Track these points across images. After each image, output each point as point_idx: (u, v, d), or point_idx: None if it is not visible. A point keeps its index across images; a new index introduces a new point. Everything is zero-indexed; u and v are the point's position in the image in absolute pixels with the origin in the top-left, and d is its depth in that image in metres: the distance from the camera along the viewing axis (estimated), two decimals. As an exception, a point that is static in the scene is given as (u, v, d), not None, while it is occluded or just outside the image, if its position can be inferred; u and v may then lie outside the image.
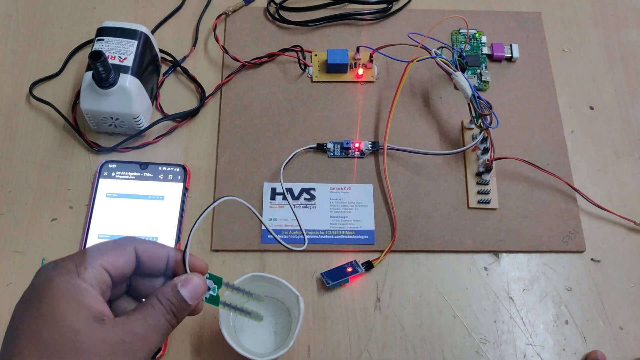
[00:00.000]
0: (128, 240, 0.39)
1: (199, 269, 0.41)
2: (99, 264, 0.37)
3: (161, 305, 0.37)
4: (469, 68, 0.67)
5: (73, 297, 0.35)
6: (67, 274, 0.36)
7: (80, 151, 0.62)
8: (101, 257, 0.37)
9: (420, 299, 0.56)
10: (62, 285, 0.35)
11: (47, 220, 0.58)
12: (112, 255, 0.38)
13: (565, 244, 0.59)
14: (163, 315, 0.37)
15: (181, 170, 0.60)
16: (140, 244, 0.40)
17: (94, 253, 0.37)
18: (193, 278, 0.39)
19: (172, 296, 0.38)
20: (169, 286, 0.38)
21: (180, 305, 0.38)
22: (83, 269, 0.36)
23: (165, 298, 0.38)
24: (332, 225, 0.59)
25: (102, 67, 0.55)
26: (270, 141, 0.63)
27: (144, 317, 0.37)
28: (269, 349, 0.52)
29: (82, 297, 0.35)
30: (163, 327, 0.37)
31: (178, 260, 0.41)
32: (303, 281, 0.56)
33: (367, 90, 0.66)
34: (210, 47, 0.68)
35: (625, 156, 0.64)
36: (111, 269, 0.37)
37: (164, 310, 0.37)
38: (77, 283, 0.35)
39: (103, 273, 0.37)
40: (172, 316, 0.38)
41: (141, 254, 0.39)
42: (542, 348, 0.55)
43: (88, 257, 0.37)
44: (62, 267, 0.36)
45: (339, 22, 0.70)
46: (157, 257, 0.40)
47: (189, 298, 0.39)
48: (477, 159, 0.62)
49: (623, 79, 0.68)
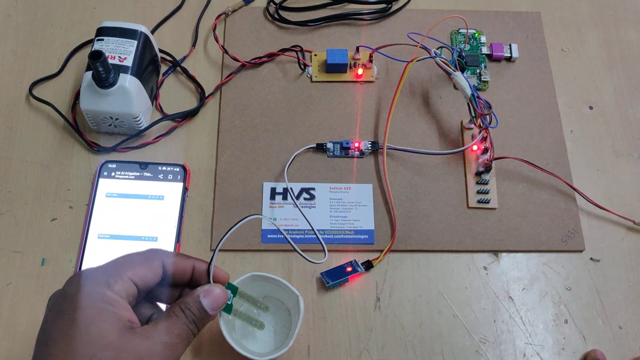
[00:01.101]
0: (156, 254, 0.41)
1: (221, 280, 0.43)
2: (128, 276, 0.39)
3: (184, 315, 0.39)
4: (469, 68, 0.67)
5: (105, 307, 0.37)
6: (98, 285, 0.37)
7: (80, 151, 0.62)
8: (130, 270, 0.39)
9: (420, 298, 0.56)
10: (95, 296, 0.37)
11: (47, 220, 0.58)
12: (141, 268, 0.40)
13: (565, 244, 0.59)
14: (187, 325, 0.39)
15: (181, 170, 0.60)
16: (167, 257, 0.41)
17: (124, 266, 0.39)
18: (215, 289, 0.41)
19: (194, 306, 0.40)
20: (192, 296, 0.41)
21: (201, 315, 0.40)
22: (113, 281, 0.38)
23: (188, 308, 0.40)
24: (332, 225, 0.59)
25: (102, 67, 0.55)
26: (270, 141, 0.63)
27: (171, 327, 0.38)
28: (269, 349, 0.52)
29: (114, 307, 0.37)
30: (187, 336, 0.39)
31: (202, 271, 0.42)
32: (303, 281, 0.56)
33: (366, 90, 0.66)
34: (209, 47, 0.68)
35: (625, 156, 0.64)
36: (139, 282, 0.39)
37: (187, 320, 0.39)
38: (108, 294, 0.37)
39: (131, 286, 0.39)
40: (194, 325, 0.40)
41: (168, 267, 0.41)
42: (541, 347, 0.55)
43: (118, 269, 0.39)
44: (93, 278, 0.38)
45: (339, 22, 0.70)
46: (183, 269, 0.42)
47: (210, 309, 0.41)
48: (476, 159, 0.62)
49: (622, 79, 0.68)
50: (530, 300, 0.57)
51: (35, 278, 0.56)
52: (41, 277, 0.56)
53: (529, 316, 0.56)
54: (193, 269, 0.42)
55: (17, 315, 0.54)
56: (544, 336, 0.55)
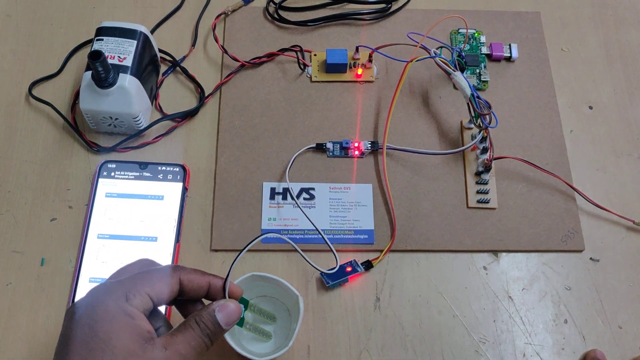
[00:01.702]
0: (174, 270, 0.42)
1: (235, 295, 0.45)
2: (146, 292, 0.40)
3: (199, 328, 0.41)
4: (468, 68, 0.67)
5: (125, 320, 0.38)
6: (117, 299, 0.38)
7: (79, 151, 0.62)
8: (149, 286, 0.40)
9: (420, 298, 0.56)
10: (115, 309, 0.38)
11: (46, 220, 0.58)
12: (159, 285, 0.41)
13: (565, 244, 0.59)
14: (201, 338, 0.40)
15: (180, 170, 0.60)
16: (185, 274, 0.43)
17: (143, 281, 0.40)
18: (230, 304, 0.43)
19: (208, 320, 0.41)
20: (207, 310, 0.42)
21: (215, 330, 0.41)
22: (132, 295, 0.39)
23: (203, 322, 0.41)
24: (332, 225, 0.59)
25: (102, 67, 0.55)
26: (270, 141, 0.63)
27: (186, 339, 0.40)
28: (269, 349, 0.52)
29: (133, 320, 0.38)
30: (201, 349, 0.40)
31: (218, 287, 0.44)
32: (303, 281, 0.56)
33: (366, 90, 0.66)
34: (209, 47, 0.68)
35: (624, 156, 0.64)
36: (155, 298, 0.40)
37: (202, 333, 0.41)
38: (128, 308, 0.38)
39: (148, 301, 0.40)
40: (208, 339, 0.41)
41: (185, 284, 0.42)
42: (541, 347, 0.55)
43: (136, 284, 0.40)
44: (113, 292, 0.39)
45: (338, 22, 0.70)
46: (200, 286, 0.43)
47: (224, 323, 0.42)
48: (476, 159, 0.62)
49: (622, 79, 0.68)
50: (530, 300, 0.57)
51: (35, 278, 0.56)
52: (41, 277, 0.56)
53: (528, 316, 0.56)
54: (209, 285, 0.44)
55: (17, 315, 0.54)
56: (544, 336, 0.55)
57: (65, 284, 0.55)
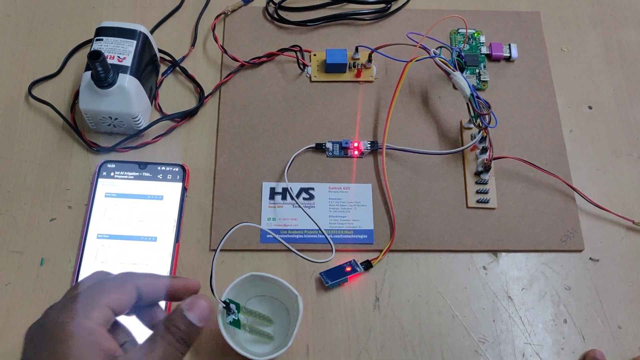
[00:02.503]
0: (129, 277, 0.40)
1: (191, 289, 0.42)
2: (104, 303, 0.38)
3: (170, 335, 0.38)
4: (468, 68, 0.67)
5: (86, 338, 0.36)
6: (76, 316, 0.37)
7: (79, 151, 0.62)
8: (106, 297, 0.38)
9: (419, 298, 0.56)
10: (74, 328, 0.36)
11: (45, 220, 0.58)
12: (115, 294, 0.39)
13: (564, 243, 0.59)
14: (172, 345, 0.38)
15: (180, 170, 0.60)
16: (140, 279, 0.40)
17: (99, 294, 0.38)
18: (197, 300, 0.40)
19: (180, 322, 0.39)
20: (176, 313, 0.39)
21: (190, 330, 0.39)
22: (90, 309, 0.37)
23: (174, 325, 0.39)
24: (331, 224, 0.59)
25: (101, 67, 0.55)
26: (269, 141, 0.63)
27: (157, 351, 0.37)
28: (268, 349, 0.52)
29: (94, 337, 0.36)
30: (174, 356, 0.38)
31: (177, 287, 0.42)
32: (302, 281, 0.56)
33: (366, 90, 0.66)
34: (209, 47, 0.68)
35: (624, 155, 0.64)
36: (115, 308, 0.38)
37: (173, 339, 0.38)
38: (87, 324, 0.36)
39: (108, 312, 0.38)
40: (181, 344, 0.38)
41: (142, 288, 0.40)
42: (540, 347, 0.55)
43: (94, 298, 0.38)
44: (70, 309, 0.37)
45: (338, 22, 0.70)
46: (156, 289, 0.41)
47: (198, 320, 0.39)
48: (475, 159, 0.62)
49: (622, 79, 0.68)
50: (529, 300, 0.57)
51: (34, 278, 0.56)
52: (40, 277, 0.56)
53: (528, 316, 0.56)
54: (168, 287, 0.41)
55: (16, 315, 0.54)
56: (543, 336, 0.55)
57: (64, 284, 0.55)
